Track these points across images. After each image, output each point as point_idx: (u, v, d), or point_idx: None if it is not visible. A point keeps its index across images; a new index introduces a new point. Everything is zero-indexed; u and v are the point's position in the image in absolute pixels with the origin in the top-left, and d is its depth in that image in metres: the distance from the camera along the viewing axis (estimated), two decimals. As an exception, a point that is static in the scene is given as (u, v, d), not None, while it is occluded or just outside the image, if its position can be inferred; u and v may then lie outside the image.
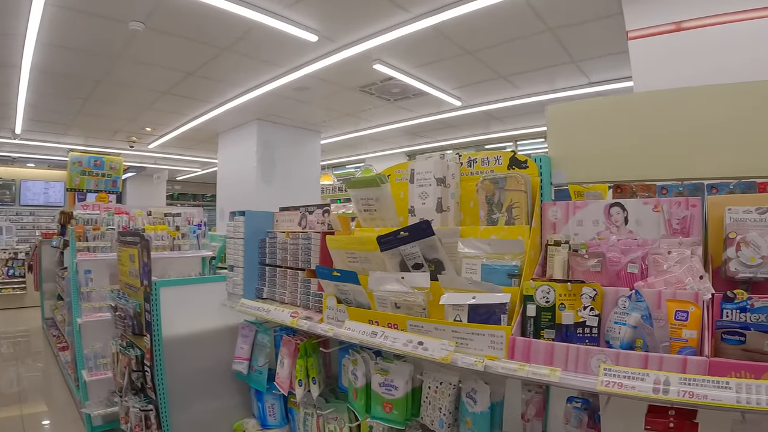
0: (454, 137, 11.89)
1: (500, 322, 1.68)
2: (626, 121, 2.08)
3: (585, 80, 7.58)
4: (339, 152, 13.91)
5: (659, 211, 1.85)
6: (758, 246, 1.58)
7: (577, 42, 6.20)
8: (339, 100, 8.59)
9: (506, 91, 8.20)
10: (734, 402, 1.27)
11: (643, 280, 1.69)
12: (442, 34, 5.86)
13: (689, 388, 1.32)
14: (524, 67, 7.08)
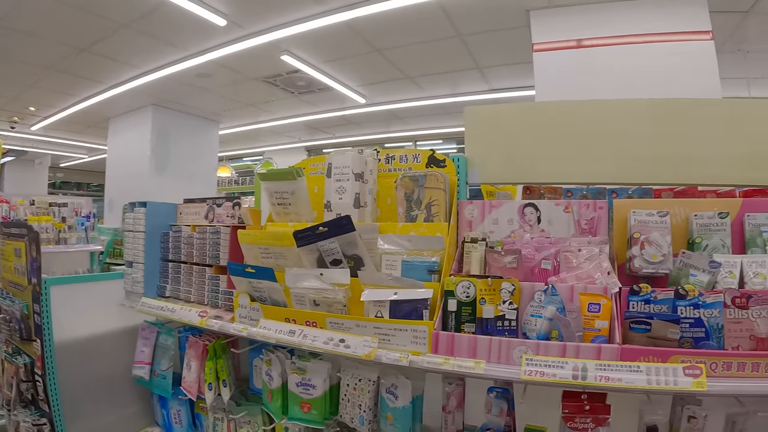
0: (355, 134, 12.02)
1: (422, 317, 1.74)
2: (538, 128, 2.24)
3: (486, 86, 7.97)
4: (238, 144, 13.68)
5: (570, 212, 2.01)
6: (660, 245, 1.75)
7: (484, 50, 6.56)
8: (242, 89, 8.48)
9: (411, 92, 8.44)
10: (645, 384, 1.42)
11: (556, 275, 1.82)
12: (353, 31, 5.94)
13: (605, 373, 1.45)
14: (430, 69, 7.35)
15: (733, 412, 1.72)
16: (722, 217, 1.85)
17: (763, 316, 1.55)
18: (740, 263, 1.75)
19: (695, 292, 1.57)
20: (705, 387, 1.39)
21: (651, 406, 1.73)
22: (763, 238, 1.82)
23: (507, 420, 1.92)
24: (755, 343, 1.55)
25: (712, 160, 2.12)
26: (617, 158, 2.16)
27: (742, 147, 2.11)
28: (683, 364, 1.44)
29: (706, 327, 1.54)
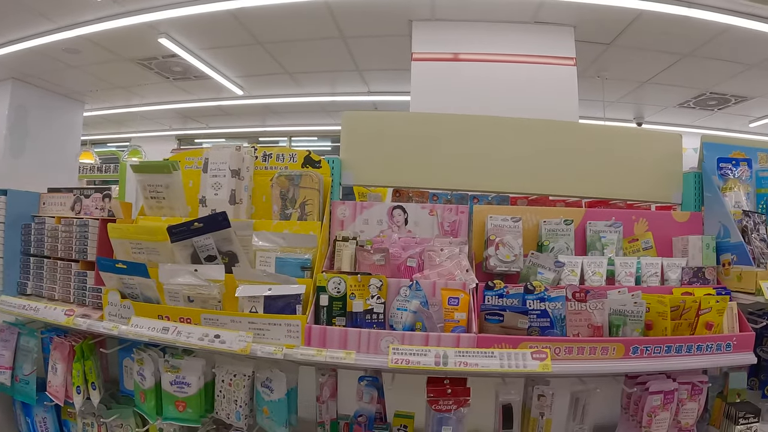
0: (229, 126, 11.95)
1: (295, 311, 1.91)
2: (409, 136, 2.49)
3: (365, 89, 8.30)
4: (103, 128, 12.83)
5: (434, 214, 2.29)
6: (512, 246, 2.06)
7: (366, 53, 6.89)
8: (113, 69, 8.09)
9: (289, 87, 8.58)
10: (499, 367, 1.68)
11: (421, 272, 2.06)
12: (237, 21, 5.97)
13: (463, 359, 1.69)
14: (311, 67, 7.54)
15: (577, 389, 2.04)
16: (567, 223, 2.21)
17: (599, 308, 1.88)
18: (581, 263, 2.12)
19: (542, 288, 1.87)
20: (550, 368, 1.68)
21: (506, 387, 2.00)
22: (602, 243, 2.21)
23: (378, 407, 2.14)
24: (592, 330, 1.87)
25: (562, 174, 2.49)
26: (479, 168, 2.46)
27: (588, 163, 2.51)
28: (531, 350, 1.73)
29: (551, 317, 1.85)
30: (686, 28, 5.82)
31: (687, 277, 2.17)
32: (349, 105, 8.95)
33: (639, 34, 6.05)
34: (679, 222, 2.39)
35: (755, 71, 7.29)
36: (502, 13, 5.57)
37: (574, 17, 5.63)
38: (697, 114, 9.62)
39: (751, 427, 2.10)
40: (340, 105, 9.06)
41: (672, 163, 2.57)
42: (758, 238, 2.15)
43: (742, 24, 5.65)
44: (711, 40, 6.21)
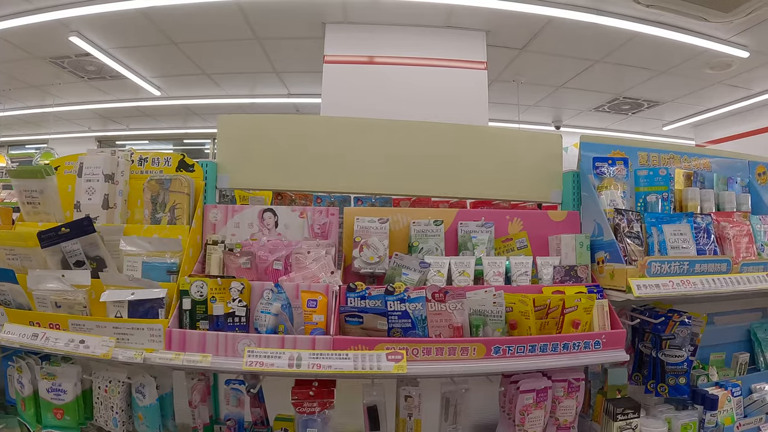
0: (150, 127, 11.98)
1: (158, 316, 2.00)
2: (288, 138, 2.58)
3: (285, 91, 8.50)
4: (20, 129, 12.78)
5: (304, 217, 2.38)
6: (377, 248, 2.17)
7: (282, 55, 7.08)
8: (25, 68, 8.04)
9: (208, 88, 8.70)
10: (352, 369, 1.78)
11: (287, 275, 2.15)
12: (149, 19, 6.03)
13: (317, 361, 1.79)
14: (228, 68, 7.69)
15: (447, 390, 2.14)
16: (437, 224, 2.34)
17: (459, 309, 1.96)
18: (448, 264, 2.26)
19: (402, 289, 2.00)
20: (405, 370, 1.78)
21: (373, 388, 2.08)
22: (473, 243, 2.34)
23: (258, 411, 2.28)
24: (453, 331, 1.96)
25: (444, 175, 2.62)
26: (360, 169, 2.57)
27: (470, 164, 2.64)
28: (387, 351, 1.82)
29: (412, 318, 1.93)
30: (595, 35, 6.22)
31: (559, 275, 2.29)
32: (269, 107, 9.16)
33: (550, 39, 6.42)
34: (556, 221, 2.53)
35: (664, 77, 7.83)
36: (414, 17, 5.82)
37: (486, 22, 5.92)
38: (613, 118, 10.22)
39: (630, 422, 2.23)
40: (260, 107, 9.22)
41: (552, 163, 2.71)
42: (632, 236, 2.33)
43: (649, 31, 6.07)
44: (620, 47, 6.64)
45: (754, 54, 6.89)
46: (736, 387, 2.64)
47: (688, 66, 7.36)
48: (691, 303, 2.79)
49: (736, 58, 6.98)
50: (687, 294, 2.17)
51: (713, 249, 2.44)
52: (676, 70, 7.52)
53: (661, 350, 2.37)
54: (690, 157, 2.89)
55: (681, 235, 2.36)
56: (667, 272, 2.19)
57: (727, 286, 2.29)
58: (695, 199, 2.66)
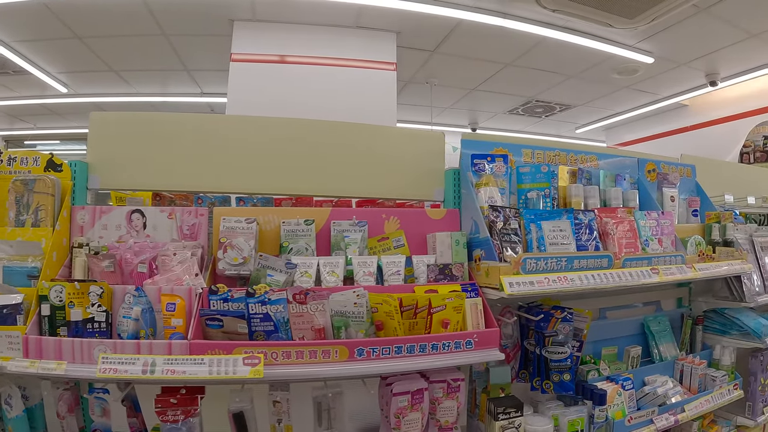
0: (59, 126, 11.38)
1: (17, 322, 1.88)
2: (166, 137, 2.43)
3: (198, 90, 8.19)
4: None
5: (173, 218, 2.24)
6: (241, 249, 2.05)
7: (191, 53, 6.77)
8: None
9: (118, 86, 8.28)
10: (207, 374, 1.66)
11: (152, 278, 2.02)
12: (51, 12, 5.66)
13: (172, 366, 1.67)
14: (137, 65, 7.31)
15: (318, 394, 2.03)
16: (308, 223, 2.24)
17: (320, 310, 1.86)
18: (317, 264, 2.15)
19: (262, 290, 1.88)
20: (262, 374, 1.67)
21: (240, 394, 1.97)
22: (345, 242, 2.25)
23: (135, 421, 2.13)
24: (316, 333, 1.86)
25: (327, 174, 2.51)
26: (241, 168, 2.44)
27: (354, 163, 2.56)
28: (245, 355, 1.71)
29: (274, 321, 1.81)
30: (504, 38, 6.21)
31: (433, 274, 2.21)
32: (182, 106, 8.81)
33: (460, 42, 6.38)
34: (435, 219, 2.45)
35: (574, 81, 7.94)
36: (324, 16, 5.70)
37: (396, 23, 5.85)
38: (528, 120, 10.29)
39: (513, 421, 2.17)
40: (172, 106, 8.87)
41: (435, 161, 2.64)
42: (509, 233, 2.25)
43: (556, 36, 6.09)
44: (530, 51, 6.66)
45: (658, 60, 7.07)
46: (628, 380, 2.62)
47: (596, 71, 7.49)
48: (584, 299, 2.76)
49: (642, 64, 7.14)
50: (564, 291, 2.12)
51: (595, 245, 2.39)
52: (585, 74, 7.65)
53: (544, 347, 2.32)
54: (576, 154, 2.85)
55: (561, 232, 2.30)
56: (544, 269, 2.12)
57: (608, 281, 2.25)
58: (579, 196, 2.62)
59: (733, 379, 3.02)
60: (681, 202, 3.26)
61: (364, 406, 2.22)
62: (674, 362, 2.97)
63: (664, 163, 3.26)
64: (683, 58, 7.13)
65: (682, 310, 3.29)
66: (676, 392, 2.74)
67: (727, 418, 3.17)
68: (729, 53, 6.95)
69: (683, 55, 7.00)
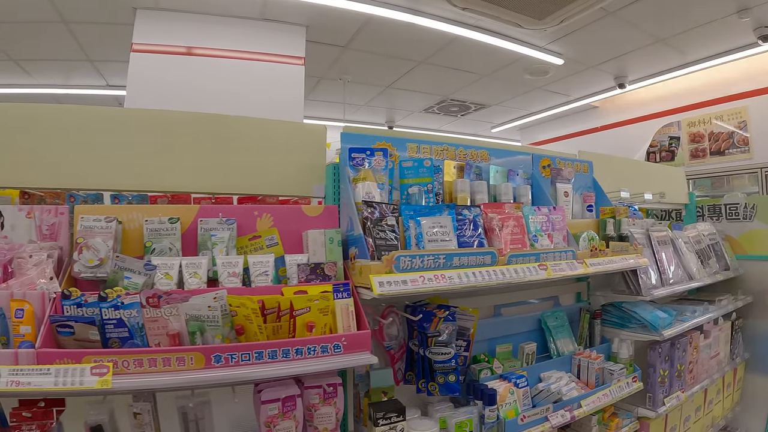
0: None
1: None
2: (31, 131, 2.17)
3: (103, 82, 7.74)
4: None
5: (32, 217, 2.02)
6: (98, 250, 1.86)
7: (93, 42, 6.33)
8: None
9: (17, 76, 7.73)
10: (53, 386, 1.49)
11: (5, 282, 1.83)
12: None
13: (17, 377, 1.49)
14: (36, 54, 6.80)
15: (182, 404, 1.88)
16: (172, 222, 2.04)
17: (175, 314, 1.72)
18: (179, 265, 1.95)
19: (114, 294, 1.70)
20: (110, 385, 1.51)
21: (99, 406, 1.80)
22: (212, 241, 2.06)
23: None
24: (171, 339, 1.71)
25: (203, 169, 2.32)
26: (118, 165, 2.22)
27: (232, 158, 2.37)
28: (93, 364, 1.54)
29: (128, 327, 1.66)
30: (416, 36, 6.10)
31: (304, 274, 2.06)
32: (87, 99, 8.24)
33: (372, 38, 6.24)
34: (311, 216, 2.29)
35: (487, 81, 7.93)
36: (231, 7, 5.46)
37: (305, 17, 5.67)
38: (444, 119, 10.26)
39: (395, 426, 2.05)
40: (75, 98, 8.27)
41: (315, 156, 2.49)
42: (385, 230, 2.09)
43: (467, 35, 6.03)
44: (442, 49, 6.58)
45: (568, 62, 7.15)
46: (521, 378, 2.54)
47: (508, 71, 7.49)
48: (478, 296, 2.65)
49: (552, 65, 7.20)
50: (442, 289, 2.01)
51: (479, 241, 2.26)
52: (497, 74, 7.64)
53: (428, 348, 2.19)
54: (466, 149, 2.74)
55: (441, 228, 2.17)
56: (420, 267, 1.98)
57: (491, 278, 2.13)
58: (465, 191, 2.51)
59: (632, 371, 3.00)
60: (576, 197, 3.19)
61: (241, 415, 2.04)
62: (571, 357, 2.88)
63: (559, 159, 3.20)
64: (592, 61, 7.24)
65: (581, 305, 3.24)
66: (572, 388, 2.66)
67: (628, 410, 3.17)
68: (636, 57, 7.11)
69: (592, 57, 7.11)
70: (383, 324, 2.26)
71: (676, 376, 3.29)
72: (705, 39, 6.54)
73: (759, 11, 5.76)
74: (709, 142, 7.76)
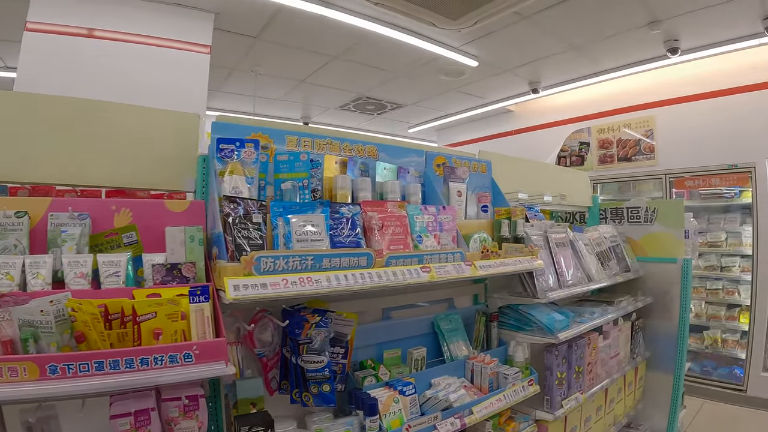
0: None
1: None
2: None
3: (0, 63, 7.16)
4: None
5: None
6: None
7: None
8: None
9: None
10: None
11: None
12: None
13: None
14: None
15: (27, 418, 1.62)
16: (19, 216, 1.77)
17: (8, 319, 1.47)
18: (21, 264, 1.69)
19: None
20: None
21: None
22: (62, 238, 1.79)
23: None
24: (3, 347, 1.46)
25: (64, 160, 2.04)
26: None
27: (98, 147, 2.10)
28: None
29: None
30: (330, 30, 5.87)
31: (159, 275, 1.82)
32: None
33: (284, 29, 5.97)
34: (175, 212, 2.04)
35: (403, 80, 7.78)
36: None
37: (214, 3, 5.34)
38: (360, 117, 10.06)
39: (262, 440, 1.85)
40: None
41: (187, 147, 2.24)
42: (250, 228, 1.88)
43: (382, 31, 5.85)
44: (356, 45, 6.38)
45: (483, 64, 7.08)
46: (408, 385, 2.35)
47: (424, 71, 7.36)
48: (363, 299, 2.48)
49: (467, 67, 7.11)
50: (308, 293, 1.81)
51: (356, 242, 2.08)
52: (413, 73, 7.50)
53: (299, 356, 1.99)
54: (352, 144, 2.56)
55: (312, 227, 1.97)
56: (285, 269, 1.78)
57: (366, 281, 1.95)
58: (346, 188, 2.32)
59: (528, 375, 2.89)
60: (471, 197, 3.06)
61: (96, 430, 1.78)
62: (465, 362, 2.74)
63: (455, 157, 3.05)
64: (507, 65, 7.21)
65: (478, 307, 3.10)
66: (461, 395, 2.51)
67: (526, 413, 3.06)
68: (550, 63, 7.12)
69: (507, 61, 7.07)
70: (253, 330, 2.05)
71: (574, 378, 3.22)
72: (617, 49, 6.60)
73: (669, 24, 5.84)
74: (617, 149, 7.92)
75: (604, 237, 4.03)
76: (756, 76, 6.50)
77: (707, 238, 6.88)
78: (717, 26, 5.92)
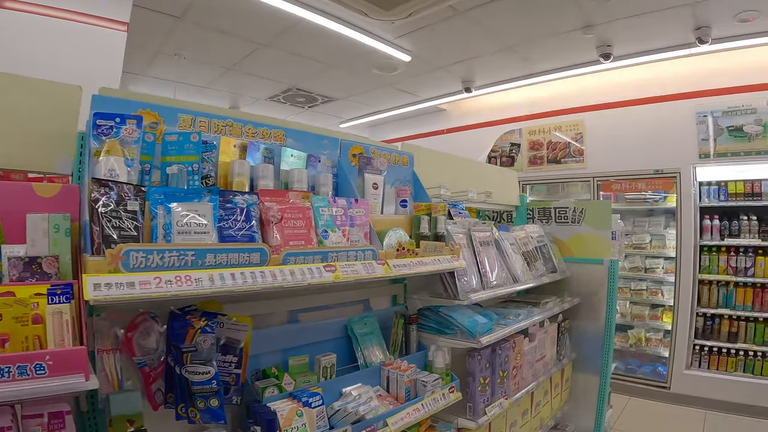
0: None
1: None
2: None
3: None
4: None
5: None
6: None
7: None
8: None
9: None
10: None
11: None
12: None
13: None
14: None
15: None
16: None
17: None
18: None
19: None
20: None
21: None
22: None
23: None
24: None
25: None
26: None
27: None
28: None
29: None
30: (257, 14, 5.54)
31: (17, 270, 1.52)
32: None
33: (208, 11, 5.57)
34: (45, 197, 1.72)
35: (335, 72, 7.53)
36: None
37: None
38: (290, 110, 9.75)
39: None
40: None
41: (65, 123, 1.92)
42: (124, 217, 1.59)
43: (312, 19, 5.56)
44: (285, 32, 6.07)
45: (416, 59, 6.88)
46: (315, 396, 2.12)
47: (356, 63, 7.11)
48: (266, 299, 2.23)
49: (400, 62, 6.90)
50: (186, 294, 1.55)
51: (250, 236, 1.82)
52: (345, 66, 7.23)
53: (183, 366, 1.71)
54: (256, 127, 2.30)
55: (197, 217, 1.70)
56: (160, 265, 1.51)
57: (257, 281, 1.70)
58: (243, 175, 2.03)
59: (449, 381, 2.70)
60: (390, 191, 2.83)
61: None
62: (380, 369, 2.53)
63: (374, 147, 2.82)
64: (440, 62, 7.06)
65: (396, 309, 2.89)
66: (374, 406, 2.29)
67: (448, 421, 2.87)
68: (484, 62, 7.04)
69: (440, 58, 6.92)
70: (133, 335, 1.77)
71: (498, 383, 3.07)
72: (551, 51, 6.56)
73: (602, 29, 5.82)
74: (547, 151, 7.95)
75: (531, 237, 3.91)
76: (682, 86, 6.65)
77: (632, 240, 6.98)
78: (650, 34, 5.95)
